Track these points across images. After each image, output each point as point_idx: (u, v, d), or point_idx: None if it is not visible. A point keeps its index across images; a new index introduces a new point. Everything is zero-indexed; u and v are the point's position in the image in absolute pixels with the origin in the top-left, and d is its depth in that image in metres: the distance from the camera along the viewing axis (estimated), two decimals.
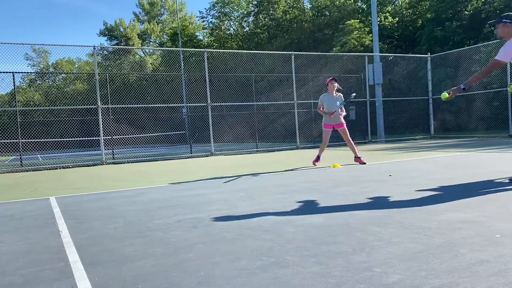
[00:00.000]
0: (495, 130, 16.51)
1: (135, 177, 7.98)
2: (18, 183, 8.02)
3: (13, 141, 14.39)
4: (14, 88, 13.10)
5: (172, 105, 19.62)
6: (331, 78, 8.15)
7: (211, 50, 21.83)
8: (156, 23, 51.46)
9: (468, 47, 19.14)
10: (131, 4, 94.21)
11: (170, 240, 2.98)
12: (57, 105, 25.86)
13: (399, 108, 18.64)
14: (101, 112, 11.96)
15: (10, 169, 11.14)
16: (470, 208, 3.48)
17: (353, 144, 8.05)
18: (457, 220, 3.09)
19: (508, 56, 4.66)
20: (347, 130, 8.04)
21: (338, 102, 7.89)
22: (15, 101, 13.25)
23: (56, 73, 41.84)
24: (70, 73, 39.94)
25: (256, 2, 41.58)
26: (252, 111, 17.83)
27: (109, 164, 11.95)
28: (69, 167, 11.43)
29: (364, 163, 7.77)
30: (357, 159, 7.90)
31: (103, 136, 12.17)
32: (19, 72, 16.23)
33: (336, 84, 8.00)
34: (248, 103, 17.42)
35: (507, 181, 4.74)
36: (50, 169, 11.29)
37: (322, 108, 8.04)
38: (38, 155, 19.48)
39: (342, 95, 8.18)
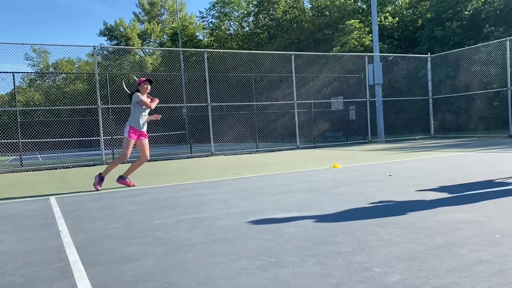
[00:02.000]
0: (495, 130, 16.51)
1: (135, 177, 7.98)
2: (18, 183, 8.01)
3: (13, 141, 14.38)
4: (14, 88, 13.10)
5: (172, 105, 19.60)
6: (145, 79, 6.26)
7: (211, 50, 21.81)
8: (156, 23, 51.44)
9: (468, 47, 19.15)
10: (131, 4, 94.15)
11: (170, 240, 2.98)
12: (57, 105, 25.87)
13: (399, 108, 18.65)
14: (101, 112, 11.96)
15: (10, 169, 11.14)
16: (470, 208, 3.48)
17: (137, 164, 6.48)
18: (457, 220, 3.09)
19: None
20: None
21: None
22: (15, 101, 13.26)
23: (56, 73, 41.84)
24: (70, 73, 39.94)
25: (256, 2, 41.59)
26: (252, 111, 17.84)
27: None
28: (69, 167, 11.43)
29: (130, 185, 6.35)
30: (122, 179, 6.38)
31: (103, 136, 12.17)
32: (19, 72, 16.20)
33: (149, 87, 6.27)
34: (248, 103, 17.42)
35: None
36: (50, 169, 11.29)
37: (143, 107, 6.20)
38: (38, 155, 19.48)
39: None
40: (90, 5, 73.27)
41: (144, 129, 6.34)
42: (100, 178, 6.20)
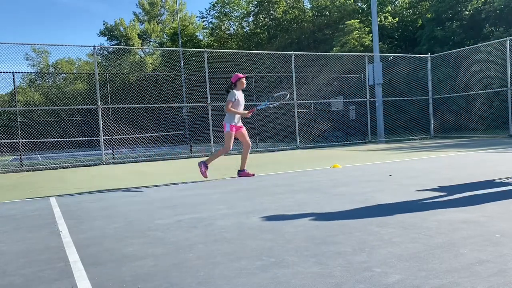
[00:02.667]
0: (495, 130, 16.51)
1: (135, 177, 7.98)
2: (18, 183, 8.01)
3: (13, 141, 14.39)
4: (14, 88, 13.10)
5: (172, 105, 19.61)
6: (242, 75, 6.93)
7: (211, 50, 21.80)
8: (156, 23, 51.44)
9: (468, 47, 19.14)
10: (131, 4, 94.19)
11: (170, 240, 2.98)
12: (57, 105, 25.86)
13: (399, 108, 18.65)
14: (101, 112, 11.96)
15: (10, 169, 11.14)
16: (470, 208, 3.48)
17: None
18: (457, 220, 3.09)
19: None
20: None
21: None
22: (15, 101, 13.25)
23: (56, 73, 41.83)
24: (70, 73, 39.93)
25: (256, 2, 41.58)
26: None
27: (109, 164, 11.95)
28: (69, 167, 11.43)
29: (251, 175, 6.83)
30: (242, 173, 6.84)
31: (103, 136, 12.17)
32: (19, 72, 16.19)
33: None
34: (248, 103, 17.40)
35: None
36: (50, 169, 11.29)
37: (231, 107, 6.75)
38: (38, 155, 19.47)
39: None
40: (90, 5, 73.28)
41: (240, 123, 6.93)
42: (205, 165, 6.66)
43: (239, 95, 6.86)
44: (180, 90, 21.30)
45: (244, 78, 6.94)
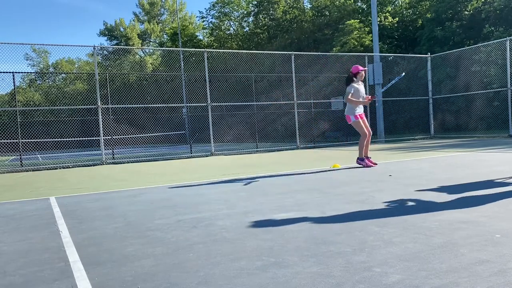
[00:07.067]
0: (495, 130, 16.50)
1: (135, 177, 7.98)
2: (18, 183, 8.01)
3: (13, 141, 14.39)
4: (14, 88, 13.11)
5: (172, 105, 19.62)
6: (362, 68, 7.47)
7: (211, 50, 21.80)
8: (156, 23, 51.50)
9: (468, 47, 19.14)
10: (131, 4, 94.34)
11: (170, 240, 2.98)
12: (57, 105, 25.88)
13: (399, 108, 18.64)
14: (101, 112, 11.96)
15: (10, 169, 11.14)
16: (470, 208, 3.48)
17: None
18: (457, 220, 3.09)
19: None
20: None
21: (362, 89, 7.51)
22: (15, 101, 13.25)
23: (56, 73, 41.85)
24: (70, 73, 39.94)
25: (256, 2, 41.57)
26: (252, 111, 17.84)
27: (109, 164, 11.95)
28: (69, 167, 11.43)
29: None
30: (361, 161, 7.44)
31: (103, 136, 12.17)
32: (19, 72, 16.21)
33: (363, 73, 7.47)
34: (248, 103, 17.42)
35: None
36: (50, 169, 11.29)
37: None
38: (38, 155, 19.47)
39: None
40: (90, 5, 73.31)
41: (360, 111, 7.46)
42: (362, 159, 7.29)
43: (359, 86, 7.41)
44: (180, 90, 21.31)
45: (364, 72, 7.48)
